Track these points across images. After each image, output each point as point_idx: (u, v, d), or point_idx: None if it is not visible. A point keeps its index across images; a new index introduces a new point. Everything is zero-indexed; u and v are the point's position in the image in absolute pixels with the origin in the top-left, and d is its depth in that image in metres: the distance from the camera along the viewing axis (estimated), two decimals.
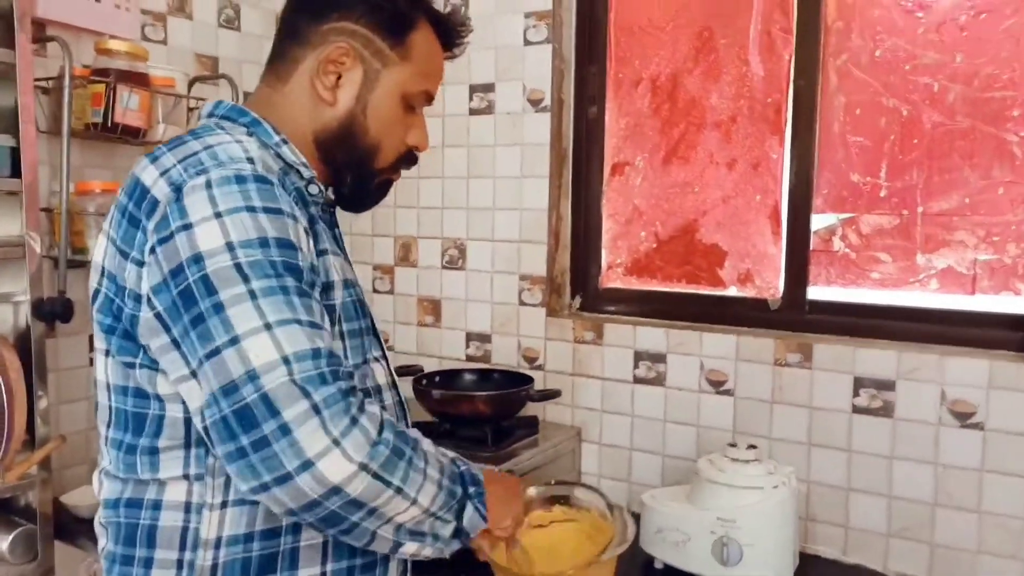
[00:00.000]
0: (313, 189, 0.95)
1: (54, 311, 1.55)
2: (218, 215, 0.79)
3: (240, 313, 0.77)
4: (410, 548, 0.87)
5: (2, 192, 1.53)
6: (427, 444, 0.89)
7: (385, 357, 1.03)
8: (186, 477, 0.88)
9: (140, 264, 0.83)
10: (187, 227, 0.80)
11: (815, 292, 1.65)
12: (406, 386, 1.89)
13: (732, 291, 1.75)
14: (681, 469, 1.68)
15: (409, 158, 1.04)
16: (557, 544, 1.05)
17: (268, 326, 0.76)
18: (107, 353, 0.90)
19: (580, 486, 1.10)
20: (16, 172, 1.51)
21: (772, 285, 1.70)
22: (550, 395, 1.75)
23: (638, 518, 1.42)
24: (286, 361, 0.76)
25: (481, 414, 1.66)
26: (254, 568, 0.88)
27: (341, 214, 1.06)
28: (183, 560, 0.88)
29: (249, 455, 0.74)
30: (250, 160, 0.85)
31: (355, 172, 0.99)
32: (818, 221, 1.65)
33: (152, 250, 0.82)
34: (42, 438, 1.55)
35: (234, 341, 0.76)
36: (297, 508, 0.77)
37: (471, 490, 0.91)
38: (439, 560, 0.93)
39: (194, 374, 0.80)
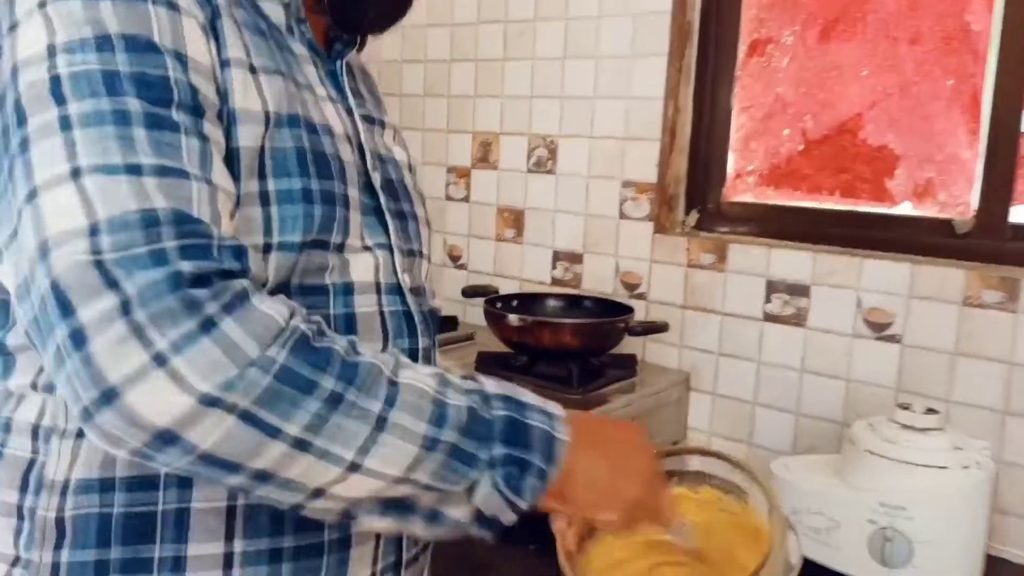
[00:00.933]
0: None
1: None
2: (42, 5, 0.56)
3: (44, 152, 0.53)
4: (377, 523, 0.60)
5: None
6: (411, 374, 0.58)
7: (391, 248, 0.73)
8: (34, 387, 0.64)
9: None
10: (13, 27, 0.57)
11: (1020, 213, 1.31)
12: (475, 311, 1.68)
13: (905, 208, 1.44)
14: (821, 434, 1.38)
15: None
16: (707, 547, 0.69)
17: (76, 172, 0.51)
18: None
19: (726, 461, 0.73)
20: None
21: (961, 201, 1.38)
22: (655, 328, 1.49)
23: None
24: (93, 230, 0.50)
25: (567, 347, 1.40)
26: (116, 532, 0.61)
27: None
28: (23, 506, 0.64)
29: (53, 372, 0.51)
30: None
31: None
32: None
33: None
34: None
35: (31, 196, 0.52)
36: (131, 455, 0.52)
37: (497, 453, 0.58)
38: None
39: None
